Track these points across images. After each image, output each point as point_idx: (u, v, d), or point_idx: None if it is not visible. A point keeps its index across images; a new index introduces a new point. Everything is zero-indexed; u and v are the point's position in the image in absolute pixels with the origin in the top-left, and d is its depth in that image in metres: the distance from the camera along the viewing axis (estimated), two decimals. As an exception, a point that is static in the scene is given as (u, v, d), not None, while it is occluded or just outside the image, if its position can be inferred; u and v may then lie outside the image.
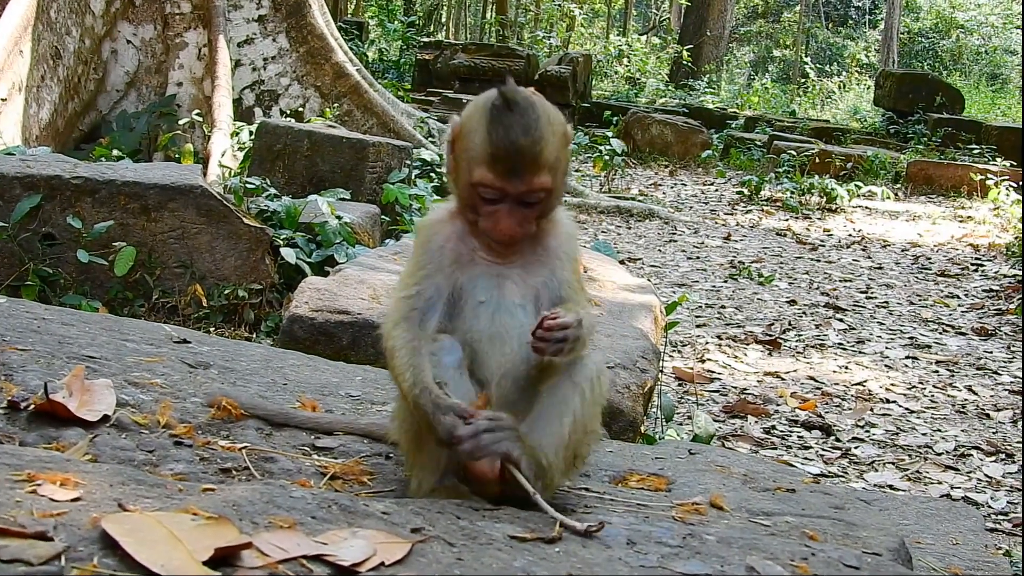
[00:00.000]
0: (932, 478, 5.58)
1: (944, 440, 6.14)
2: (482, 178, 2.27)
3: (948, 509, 4.16)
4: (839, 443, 6.00)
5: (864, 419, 6.42)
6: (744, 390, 6.84)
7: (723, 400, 6.61)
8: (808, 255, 12.22)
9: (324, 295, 4.54)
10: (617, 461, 2.83)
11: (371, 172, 9.01)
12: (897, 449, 5.97)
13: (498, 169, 2.25)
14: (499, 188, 2.27)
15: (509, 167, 2.24)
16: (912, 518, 3.88)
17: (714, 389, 6.84)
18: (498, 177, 2.25)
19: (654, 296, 5.45)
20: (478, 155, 2.27)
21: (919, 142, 22.68)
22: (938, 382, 7.30)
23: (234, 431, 2.62)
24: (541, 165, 2.26)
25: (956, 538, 3.69)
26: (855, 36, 47.52)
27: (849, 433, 6.16)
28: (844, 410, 6.59)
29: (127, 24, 12.54)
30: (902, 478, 5.53)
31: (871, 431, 6.23)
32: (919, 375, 7.46)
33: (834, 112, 33.31)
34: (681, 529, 2.04)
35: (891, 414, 6.57)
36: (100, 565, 1.67)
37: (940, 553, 3.35)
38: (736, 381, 7.04)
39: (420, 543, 1.87)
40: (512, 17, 37.98)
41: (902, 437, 6.16)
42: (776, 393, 6.79)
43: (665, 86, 33.65)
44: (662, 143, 20.49)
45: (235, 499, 1.96)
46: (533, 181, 2.26)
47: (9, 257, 6.16)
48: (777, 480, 2.74)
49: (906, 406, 6.73)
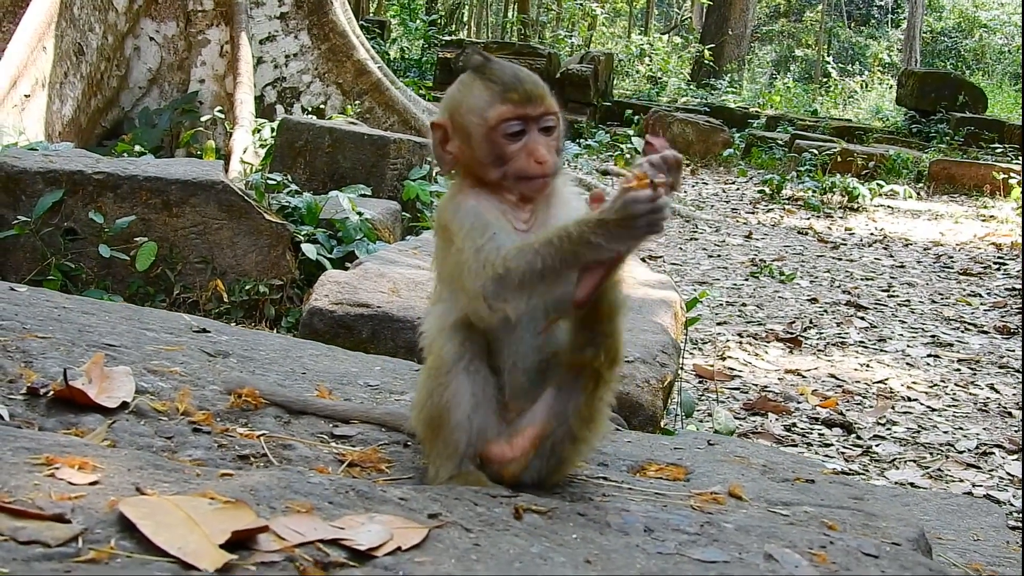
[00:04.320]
0: (954, 476, 5.54)
1: (966, 438, 6.10)
2: (501, 114, 2.35)
3: (969, 505, 4.12)
4: (860, 441, 5.97)
5: (885, 417, 6.39)
6: (765, 387, 6.81)
7: (743, 398, 6.59)
8: (830, 253, 12.16)
9: (344, 288, 4.54)
10: (635, 451, 2.82)
11: (392, 169, 9.01)
12: (918, 447, 5.93)
13: (513, 98, 2.36)
14: (521, 115, 2.36)
15: (522, 93, 2.37)
16: (933, 514, 3.85)
17: (734, 387, 6.81)
18: (517, 105, 2.36)
19: (674, 292, 5.43)
20: (488, 102, 2.37)
21: (941, 141, 22.58)
22: (960, 380, 7.25)
23: (252, 419, 2.63)
24: (544, 89, 2.41)
25: (977, 534, 3.66)
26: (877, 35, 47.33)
27: (870, 431, 6.13)
28: (865, 408, 6.56)
29: (150, 21, 12.59)
30: (923, 476, 5.49)
31: (892, 429, 6.19)
32: (941, 373, 7.42)
33: (856, 111, 33.18)
34: (699, 517, 2.04)
35: (912, 412, 6.53)
36: (117, 547, 1.68)
37: (961, 549, 3.33)
38: (757, 379, 7.01)
39: (437, 528, 1.87)
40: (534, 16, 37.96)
41: (924, 435, 6.12)
42: (797, 391, 6.76)
43: (687, 85, 33.58)
44: (683, 142, 20.43)
45: (252, 484, 1.97)
46: (546, 103, 2.39)
47: (31, 252, 6.19)
48: (796, 471, 2.73)
49: (928, 404, 6.69)
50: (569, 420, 2.37)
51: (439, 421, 2.32)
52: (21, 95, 10.29)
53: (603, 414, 2.44)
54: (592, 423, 2.41)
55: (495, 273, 2.25)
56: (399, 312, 4.37)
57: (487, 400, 2.34)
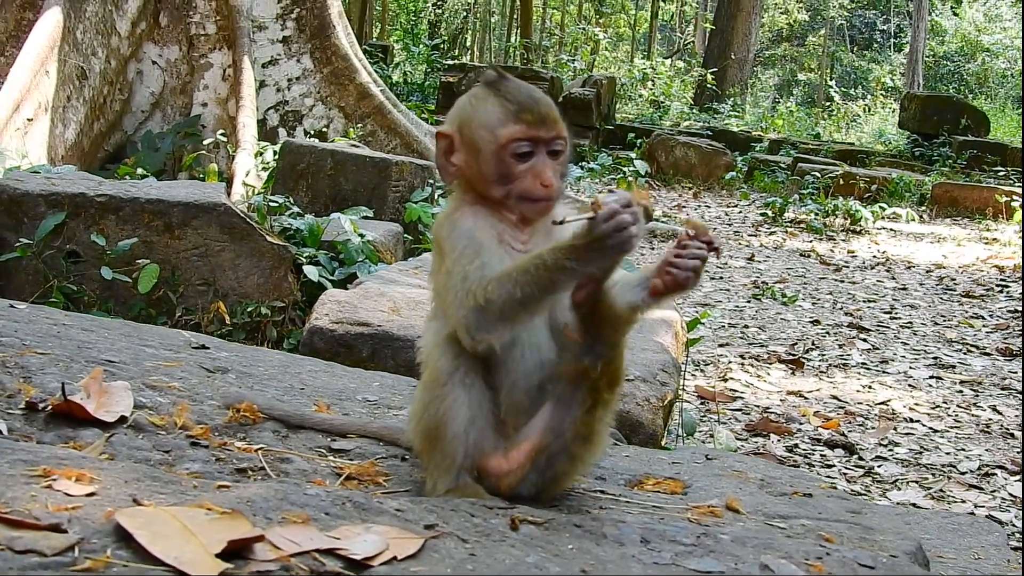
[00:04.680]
0: (956, 497, 5.53)
1: (968, 459, 6.09)
2: (513, 133, 2.35)
3: (970, 524, 4.11)
4: (862, 461, 5.96)
5: (887, 438, 6.38)
6: (767, 409, 6.81)
7: (745, 419, 6.58)
8: (832, 276, 12.16)
9: (344, 307, 4.55)
10: (633, 465, 2.82)
11: (394, 191, 9.04)
12: (920, 468, 5.92)
13: (527, 119, 2.36)
14: (532, 137, 2.36)
15: (537, 115, 2.37)
16: (934, 532, 3.84)
17: (736, 408, 6.81)
18: (529, 127, 2.35)
19: (675, 312, 5.44)
20: (500, 120, 2.37)
21: (944, 164, 22.60)
22: (962, 402, 7.24)
23: (250, 433, 2.63)
24: (558, 114, 2.41)
25: (978, 553, 3.65)
26: (880, 60, 47.45)
27: (872, 452, 6.12)
28: (867, 429, 6.55)
29: (152, 45, 12.65)
30: (925, 496, 5.48)
31: (894, 450, 6.19)
32: (943, 395, 7.41)
33: (859, 135, 33.22)
34: (695, 529, 2.04)
35: (915, 433, 6.53)
36: (113, 557, 1.68)
37: (961, 567, 3.33)
38: (759, 400, 7.01)
39: (433, 539, 1.87)
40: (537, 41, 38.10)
41: (926, 456, 6.11)
42: (799, 412, 6.76)
43: (689, 109, 33.66)
44: (686, 165, 20.48)
45: (249, 496, 1.97)
46: (558, 127, 2.39)
47: (33, 274, 6.20)
48: (794, 485, 2.73)
49: (930, 425, 6.68)
50: (565, 435, 2.37)
51: (436, 434, 2.32)
52: (24, 119, 10.33)
53: (601, 435, 2.43)
54: (589, 442, 2.40)
55: (476, 304, 2.27)
56: (399, 331, 4.37)
57: (483, 413, 2.34)
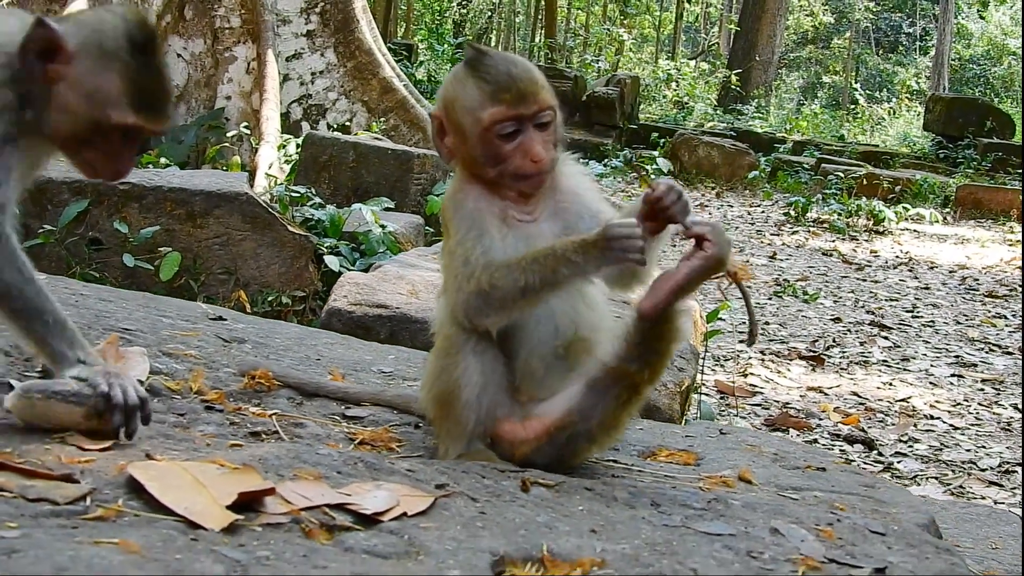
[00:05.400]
0: (975, 493, 5.50)
1: (988, 456, 6.05)
2: (495, 115, 2.35)
3: (988, 515, 4.10)
4: (882, 457, 5.93)
5: (907, 434, 6.35)
6: (786, 404, 6.78)
7: (765, 413, 6.56)
8: (854, 275, 12.11)
9: (363, 290, 4.56)
10: (647, 438, 2.82)
11: (416, 183, 9.05)
12: (940, 464, 5.89)
13: (506, 98, 2.35)
14: (514, 116, 2.35)
15: (515, 93, 2.35)
16: (951, 522, 3.83)
17: (756, 403, 6.79)
18: (510, 106, 2.35)
19: (693, 300, 5.42)
20: (481, 100, 2.36)
21: (968, 166, 22.46)
22: (983, 400, 7.21)
23: (265, 399, 2.65)
24: (539, 84, 2.39)
25: (996, 543, 3.64)
26: (905, 63, 47.21)
27: (892, 448, 6.09)
28: (887, 425, 6.52)
29: (177, 38, 12.70)
30: (945, 492, 5.45)
31: (914, 446, 6.16)
32: (964, 393, 7.37)
33: (883, 138, 33.08)
34: (707, 495, 2.04)
35: (935, 430, 6.49)
36: (125, 506, 1.70)
37: (979, 556, 3.31)
38: (779, 395, 6.99)
39: (444, 497, 1.88)
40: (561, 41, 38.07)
41: (946, 453, 6.08)
42: (819, 408, 6.73)
43: (713, 110, 33.55)
44: (709, 165, 20.42)
45: (262, 454, 1.98)
46: (540, 99, 2.37)
47: (56, 261, 6.22)
48: (808, 459, 2.71)
49: (950, 422, 6.65)
50: (592, 423, 2.37)
51: (449, 400, 2.33)
52: (50, 109, 10.38)
53: (626, 422, 2.45)
54: (615, 429, 2.43)
55: (479, 288, 2.30)
56: (417, 313, 4.38)
57: (496, 379, 2.35)
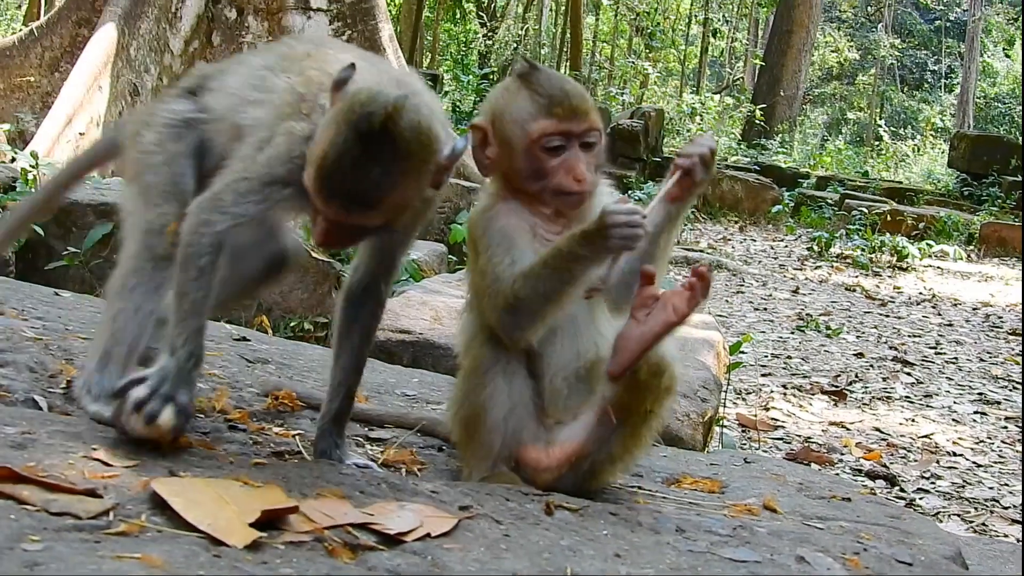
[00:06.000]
0: (998, 531, 5.44)
1: (1012, 494, 5.99)
2: (545, 127, 2.35)
3: (1012, 552, 4.06)
4: (904, 493, 5.88)
5: (930, 471, 6.29)
6: (808, 438, 6.74)
7: (786, 447, 6.52)
8: (877, 310, 12.06)
9: (387, 315, 4.53)
10: (671, 465, 2.81)
11: (439, 212, 9.07)
12: (963, 501, 5.84)
13: (559, 112, 2.35)
14: (564, 131, 2.35)
15: (567, 108, 2.35)
16: (975, 559, 3.79)
17: (778, 436, 6.74)
18: (561, 120, 2.35)
19: (717, 332, 5.42)
20: (532, 113, 2.36)
21: (993, 204, 22.37)
22: (1007, 437, 7.14)
23: (288, 420, 2.65)
24: (590, 104, 2.40)
25: (1021, 580, 3.60)
26: (930, 100, 47.14)
27: (914, 484, 6.04)
28: (910, 461, 6.47)
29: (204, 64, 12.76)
30: (967, 530, 5.39)
31: (937, 483, 6.10)
32: (987, 430, 7.31)
33: (908, 175, 32.97)
34: (732, 522, 2.02)
35: (958, 467, 6.43)
36: (148, 522, 1.69)
37: (1003, 593, 3.28)
38: (800, 429, 6.95)
39: (468, 519, 1.87)
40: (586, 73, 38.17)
41: (968, 490, 6.02)
42: (841, 442, 6.69)
43: (737, 144, 33.58)
44: (732, 199, 20.42)
45: (285, 472, 1.98)
46: (590, 119, 2.38)
47: (80, 284, 6.23)
48: (833, 489, 2.70)
49: (973, 460, 6.59)
50: (612, 447, 2.37)
51: (475, 422, 2.32)
52: (76, 133, 10.46)
53: (647, 441, 2.44)
54: (635, 449, 2.42)
55: (507, 304, 2.30)
56: (441, 339, 4.38)
57: (524, 403, 2.34)
